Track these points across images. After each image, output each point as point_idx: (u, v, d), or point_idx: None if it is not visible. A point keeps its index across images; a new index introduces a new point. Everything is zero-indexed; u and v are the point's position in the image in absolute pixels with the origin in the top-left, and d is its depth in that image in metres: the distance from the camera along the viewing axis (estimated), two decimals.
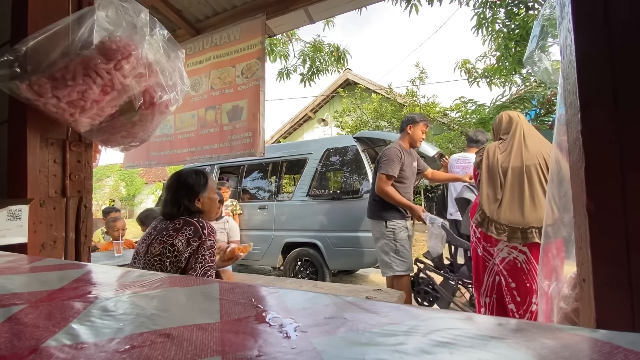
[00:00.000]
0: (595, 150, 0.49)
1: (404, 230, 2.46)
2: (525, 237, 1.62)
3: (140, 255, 1.31)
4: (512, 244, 1.66)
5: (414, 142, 2.61)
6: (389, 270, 2.44)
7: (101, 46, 0.88)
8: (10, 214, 0.83)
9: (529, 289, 1.61)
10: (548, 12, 1.28)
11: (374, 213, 2.56)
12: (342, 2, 1.96)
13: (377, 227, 2.52)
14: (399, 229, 2.44)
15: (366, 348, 0.20)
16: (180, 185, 1.36)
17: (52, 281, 0.37)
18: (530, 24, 3.64)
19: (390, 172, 2.41)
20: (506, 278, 1.69)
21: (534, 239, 1.59)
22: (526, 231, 1.62)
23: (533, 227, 1.61)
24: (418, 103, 7.62)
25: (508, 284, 1.68)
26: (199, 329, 0.24)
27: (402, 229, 2.46)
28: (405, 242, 2.45)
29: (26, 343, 0.22)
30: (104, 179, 18.65)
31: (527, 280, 1.62)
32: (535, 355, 0.18)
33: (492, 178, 1.80)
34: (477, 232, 1.85)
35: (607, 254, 0.48)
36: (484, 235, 1.79)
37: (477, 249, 1.86)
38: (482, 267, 1.84)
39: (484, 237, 1.80)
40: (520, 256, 1.65)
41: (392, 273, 2.42)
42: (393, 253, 2.42)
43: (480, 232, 1.82)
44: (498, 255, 1.73)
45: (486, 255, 1.81)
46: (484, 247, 1.81)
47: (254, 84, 1.85)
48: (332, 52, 5.29)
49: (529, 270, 1.62)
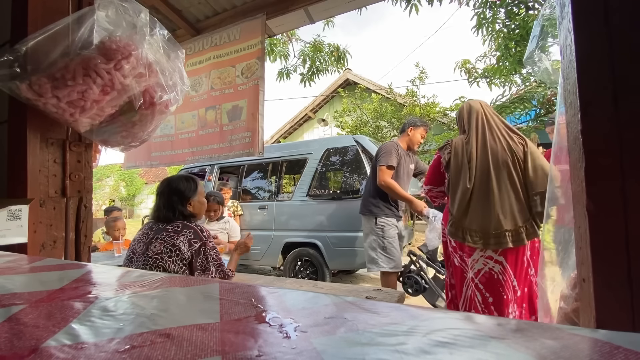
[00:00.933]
0: (595, 150, 0.49)
1: (393, 228, 2.51)
2: (499, 242, 1.48)
3: (137, 254, 1.36)
4: (487, 253, 1.53)
5: (412, 144, 2.66)
6: (374, 265, 2.51)
7: (101, 46, 0.88)
8: (10, 214, 0.83)
9: (506, 301, 1.50)
10: (548, 12, 1.28)
11: (365, 209, 2.62)
12: (342, 2, 1.96)
13: (368, 223, 2.59)
14: (388, 226, 2.49)
15: (366, 348, 0.20)
16: (172, 191, 1.45)
17: (52, 281, 0.37)
18: (530, 24, 3.64)
19: (390, 162, 2.45)
20: (482, 293, 1.54)
21: (508, 244, 1.47)
22: (499, 236, 1.48)
23: (506, 230, 1.48)
24: (418, 103, 7.62)
25: (485, 299, 1.53)
26: (199, 329, 0.24)
27: (392, 227, 2.51)
28: (394, 240, 2.49)
29: (26, 343, 0.22)
30: (104, 179, 18.65)
31: (504, 291, 1.50)
32: (535, 355, 0.18)
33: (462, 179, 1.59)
34: (452, 241, 1.69)
35: (607, 254, 0.48)
36: (459, 244, 1.63)
37: (453, 259, 1.70)
38: (460, 278, 1.67)
39: (459, 246, 1.64)
40: (496, 267, 1.52)
41: (377, 269, 2.49)
42: (380, 249, 2.48)
43: (455, 240, 1.66)
44: (473, 267, 1.58)
45: (463, 265, 1.65)
46: (461, 256, 1.65)
47: (254, 83, 1.85)
48: (332, 52, 5.29)
49: (505, 281, 1.51)
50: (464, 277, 1.64)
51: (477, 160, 1.57)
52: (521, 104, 4.99)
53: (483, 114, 1.65)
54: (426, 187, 1.86)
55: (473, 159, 1.57)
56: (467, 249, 1.59)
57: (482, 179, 1.54)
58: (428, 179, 1.85)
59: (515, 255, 1.51)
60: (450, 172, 1.64)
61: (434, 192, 1.84)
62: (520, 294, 1.52)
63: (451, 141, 1.70)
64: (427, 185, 1.86)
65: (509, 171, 1.52)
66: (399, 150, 2.55)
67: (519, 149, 1.55)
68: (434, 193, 1.84)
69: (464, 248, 1.61)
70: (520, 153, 1.55)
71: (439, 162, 1.73)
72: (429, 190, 1.85)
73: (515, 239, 1.48)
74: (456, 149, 1.64)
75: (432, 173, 1.82)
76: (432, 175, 1.82)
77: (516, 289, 1.51)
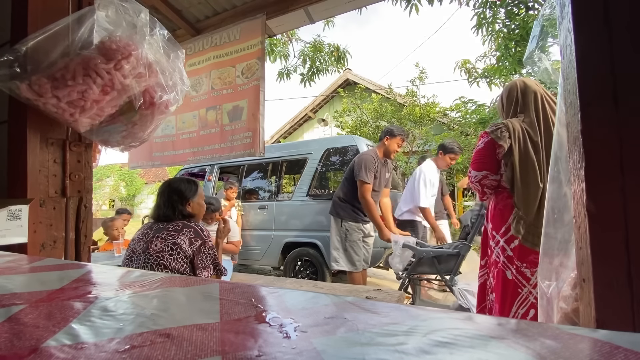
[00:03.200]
0: (595, 150, 0.49)
1: (357, 232, 2.67)
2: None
3: (137, 253, 1.37)
4: None
5: (389, 153, 2.74)
6: (334, 264, 2.70)
7: (101, 46, 0.88)
8: (10, 214, 0.83)
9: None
10: (548, 12, 1.28)
11: (334, 210, 2.78)
12: (342, 2, 1.96)
13: (334, 223, 2.76)
14: (352, 230, 2.66)
15: (366, 348, 0.20)
16: (173, 190, 1.49)
17: (52, 281, 0.37)
18: (530, 24, 3.64)
19: (370, 179, 2.56)
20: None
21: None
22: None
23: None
24: (418, 103, 7.61)
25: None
26: (199, 329, 0.24)
27: (356, 231, 2.67)
28: (355, 244, 2.65)
29: (26, 343, 0.22)
30: (104, 179, 18.66)
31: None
32: (535, 355, 0.18)
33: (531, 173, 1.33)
34: (507, 250, 1.37)
35: (607, 254, 0.48)
36: (520, 251, 1.34)
37: (505, 271, 1.38)
38: (512, 295, 1.36)
39: (520, 255, 1.34)
40: None
41: (337, 267, 2.69)
42: (342, 250, 2.66)
43: (514, 248, 1.36)
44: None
45: (520, 278, 1.35)
46: (518, 268, 1.35)
47: (254, 84, 1.85)
48: (332, 52, 5.28)
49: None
50: (517, 294, 1.35)
51: (544, 153, 1.32)
52: None
53: (545, 96, 1.38)
54: (479, 173, 1.46)
55: (540, 151, 1.33)
56: (533, 256, 1.29)
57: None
58: (480, 164, 1.46)
59: None
60: (516, 163, 1.35)
61: (489, 180, 1.45)
62: None
63: (505, 124, 1.41)
64: (480, 171, 1.46)
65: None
66: (376, 162, 2.65)
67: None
68: (490, 181, 1.45)
69: (528, 256, 1.32)
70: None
71: (493, 145, 1.41)
72: (484, 177, 1.45)
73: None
74: (519, 135, 1.35)
75: (486, 156, 1.44)
76: (488, 159, 1.44)
77: None
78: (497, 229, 1.44)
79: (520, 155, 1.36)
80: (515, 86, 1.48)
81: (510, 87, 1.50)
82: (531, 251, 1.32)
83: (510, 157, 1.38)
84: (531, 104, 1.41)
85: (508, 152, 1.39)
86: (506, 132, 1.39)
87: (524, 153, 1.36)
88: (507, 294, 1.38)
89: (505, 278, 1.38)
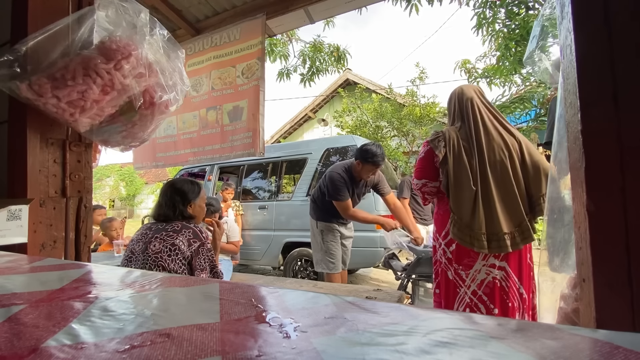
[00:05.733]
0: (595, 150, 0.49)
1: (332, 232, 2.63)
2: (499, 246, 1.36)
3: (137, 253, 1.37)
4: (489, 262, 1.40)
5: (359, 175, 2.49)
6: (317, 265, 2.68)
7: (101, 46, 0.88)
8: (10, 214, 0.83)
9: (512, 309, 1.39)
10: (548, 12, 1.28)
11: (310, 211, 2.75)
12: (342, 2, 1.96)
13: (312, 225, 2.74)
14: (327, 231, 2.62)
15: (366, 348, 0.20)
16: (175, 191, 1.49)
17: (52, 281, 0.37)
18: (530, 24, 3.64)
19: (344, 196, 2.46)
20: (487, 304, 1.40)
21: (508, 248, 1.36)
22: (499, 239, 1.36)
23: (505, 233, 1.36)
24: (418, 103, 7.61)
25: (490, 310, 1.40)
26: (199, 329, 0.24)
27: (331, 231, 2.63)
28: (332, 245, 2.60)
29: (26, 343, 0.22)
30: (104, 179, 18.67)
31: (509, 299, 1.40)
32: (535, 355, 0.18)
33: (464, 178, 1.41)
34: (447, 252, 1.48)
35: (607, 254, 0.48)
36: (458, 254, 1.45)
37: (446, 272, 1.50)
38: (453, 294, 1.49)
39: (457, 258, 1.46)
40: (499, 274, 1.40)
41: (320, 269, 2.65)
42: (321, 251, 2.63)
43: (452, 251, 1.46)
44: (475, 278, 1.42)
45: (457, 279, 1.47)
46: (456, 270, 1.47)
47: (254, 84, 1.85)
48: (332, 52, 5.28)
49: (509, 287, 1.40)
50: (457, 293, 1.47)
51: (477, 158, 1.41)
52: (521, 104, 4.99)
53: (478, 103, 1.46)
54: (419, 182, 1.56)
55: (473, 156, 1.42)
56: (467, 260, 1.43)
57: (483, 178, 1.41)
58: (421, 172, 1.56)
59: (517, 259, 1.43)
60: (450, 170, 1.44)
61: (428, 187, 1.56)
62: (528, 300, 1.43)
63: (443, 133, 1.49)
64: (420, 179, 1.56)
65: (506, 169, 1.40)
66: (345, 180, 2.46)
67: (515, 144, 1.44)
68: (429, 188, 1.56)
69: (463, 260, 1.45)
70: (516, 148, 1.43)
71: (432, 154, 1.50)
72: (424, 184, 1.56)
73: (514, 242, 1.39)
74: (453, 143, 1.43)
75: (425, 165, 1.55)
76: (426, 167, 1.54)
77: (523, 296, 1.42)
78: (439, 232, 1.55)
79: (455, 162, 1.44)
80: (454, 94, 1.55)
81: (450, 95, 1.57)
82: (466, 254, 1.43)
83: (446, 165, 1.47)
84: (466, 110, 1.48)
85: (444, 160, 1.47)
86: (442, 141, 1.47)
87: (458, 160, 1.44)
88: (449, 292, 1.51)
89: (447, 277, 1.51)
